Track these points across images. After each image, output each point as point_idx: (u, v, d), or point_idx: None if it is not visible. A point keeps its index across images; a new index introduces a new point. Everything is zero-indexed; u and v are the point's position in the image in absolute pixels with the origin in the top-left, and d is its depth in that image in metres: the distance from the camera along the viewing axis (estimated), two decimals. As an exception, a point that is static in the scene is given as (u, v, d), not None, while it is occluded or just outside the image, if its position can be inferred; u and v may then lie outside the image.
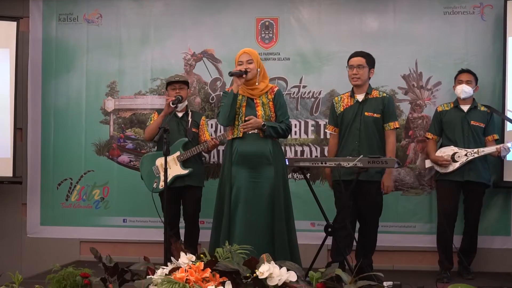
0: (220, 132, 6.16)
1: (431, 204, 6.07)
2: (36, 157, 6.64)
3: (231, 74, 4.97)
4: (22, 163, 6.57)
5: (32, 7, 6.68)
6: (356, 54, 5.43)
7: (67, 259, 6.12)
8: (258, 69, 4.99)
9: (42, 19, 6.68)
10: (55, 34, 6.67)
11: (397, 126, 5.48)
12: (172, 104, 5.57)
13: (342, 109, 5.45)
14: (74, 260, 6.26)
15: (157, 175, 5.81)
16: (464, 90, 5.59)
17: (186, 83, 5.93)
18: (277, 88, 5.11)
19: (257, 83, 4.99)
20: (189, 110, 5.96)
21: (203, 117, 6.00)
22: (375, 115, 5.34)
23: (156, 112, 6.00)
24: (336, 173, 5.30)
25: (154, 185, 5.79)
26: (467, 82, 5.61)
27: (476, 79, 5.69)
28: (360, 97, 5.40)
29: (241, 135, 4.95)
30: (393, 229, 6.15)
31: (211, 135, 6.02)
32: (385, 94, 5.48)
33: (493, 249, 6.02)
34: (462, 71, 5.72)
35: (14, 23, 6.39)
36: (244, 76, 4.91)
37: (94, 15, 6.64)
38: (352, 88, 5.46)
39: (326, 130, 5.73)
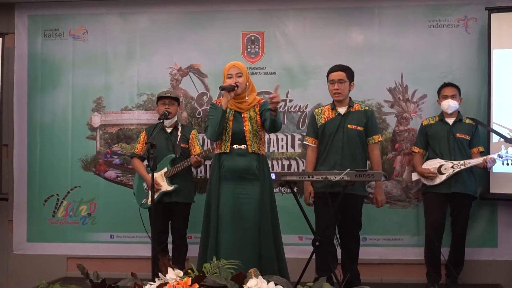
0: (207, 146, 6.13)
1: (418, 216, 6.07)
2: (22, 174, 6.62)
3: (222, 88, 4.88)
4: (8, 180, 6.54)
5: (18, 23, 6.67)
6: (336, 68, 5.38)
7: (54, 276, 6.10)
8: (247, 83, 4.93)
9: (27, 35, 6.67)
10: (40, 50, 6.66)
11: (380, 140, 5.47)
12: (159, 119, 5.57)
13: (323, 121, 5.40)
14: (61, 276, 6.25)
15: (146, 191, 5.80)
16: (451, 105, 5.62)
17: (176, 99, 5.93)
18: (263, 100, 5.03)
19: (246, 97, 4.93)
20: (179, 125, 5.95)
21: (193, 131, 5.97)
22: (358, 127, 5.31)
23: (144, 130, 5.99)
24: (317, 185, 5.28)
25: (143, 201, 5.80)
26: (452, 97, 5.64)
27: (459, 91, 5.72)
28: (342, 110, 5.37)
29: (228, 151, 4.90)
30: (381, 242, 6.16)
31: (202, 148, 5.94)
32: (367, 108, 5.46)
33: (480, 261, 6.01)
34: (445, 85, 5.74)
35: (0, 39, 6.37)
36: (235, 89, 4.85)
37: (80, 31, 6.64)
38: (333, 101, 5.44)
39: (305, 142, 5.67)
